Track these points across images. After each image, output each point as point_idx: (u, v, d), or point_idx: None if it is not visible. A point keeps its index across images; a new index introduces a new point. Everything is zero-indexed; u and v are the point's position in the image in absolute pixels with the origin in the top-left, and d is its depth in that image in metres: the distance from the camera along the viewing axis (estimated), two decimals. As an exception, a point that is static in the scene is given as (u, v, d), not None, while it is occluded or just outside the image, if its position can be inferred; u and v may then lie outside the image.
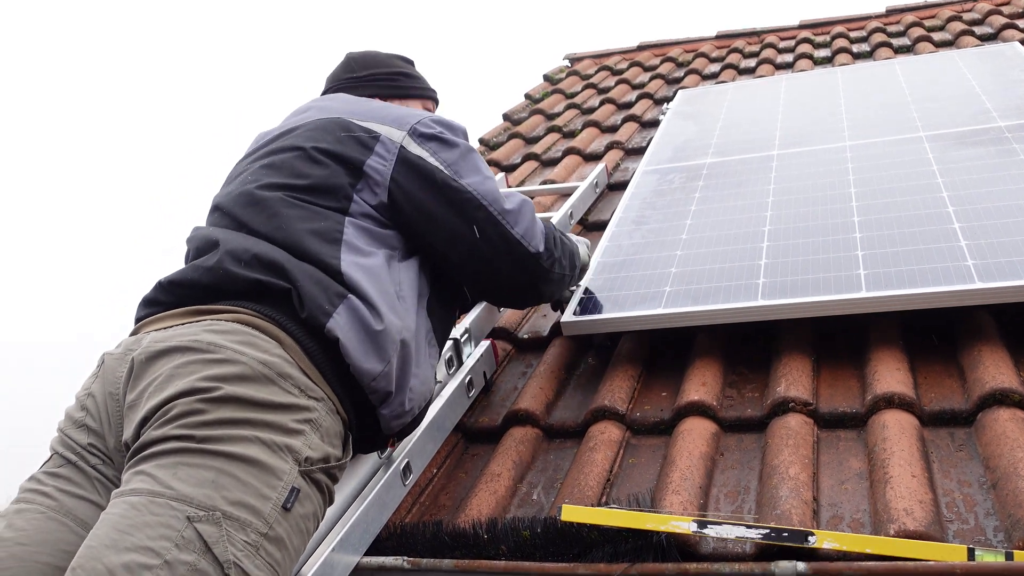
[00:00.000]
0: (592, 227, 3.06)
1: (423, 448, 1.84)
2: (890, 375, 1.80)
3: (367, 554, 1.63)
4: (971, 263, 1.92)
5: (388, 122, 1.70)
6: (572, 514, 1.54)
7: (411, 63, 2.09)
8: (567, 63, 5.80)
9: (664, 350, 2.21)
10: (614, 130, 4.11)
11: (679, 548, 1.48)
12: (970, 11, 4.74)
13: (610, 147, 3.78)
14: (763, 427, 1.82)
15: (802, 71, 4.30)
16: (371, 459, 1.73)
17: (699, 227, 2.50)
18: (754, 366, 2.05)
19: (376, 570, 1.64)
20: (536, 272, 1.84)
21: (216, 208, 1.68)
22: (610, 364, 2.15)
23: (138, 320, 1.55)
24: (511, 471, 1.85)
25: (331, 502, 1.42)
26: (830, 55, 4.64)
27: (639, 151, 3.72)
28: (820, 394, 1.87)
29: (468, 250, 1.73)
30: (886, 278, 1.94)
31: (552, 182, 3.46)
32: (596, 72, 5.35)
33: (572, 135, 4.18)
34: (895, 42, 4.55)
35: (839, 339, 2.06)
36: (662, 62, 5.22)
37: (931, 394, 1.79)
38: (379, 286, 1.53)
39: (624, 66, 5.33)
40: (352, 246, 1.55)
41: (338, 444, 1.42)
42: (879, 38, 4.64)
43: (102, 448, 1.38)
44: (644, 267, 2.33)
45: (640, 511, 1.53)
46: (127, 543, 1.13)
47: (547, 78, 5.44)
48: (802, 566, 1.36)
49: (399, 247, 1.66)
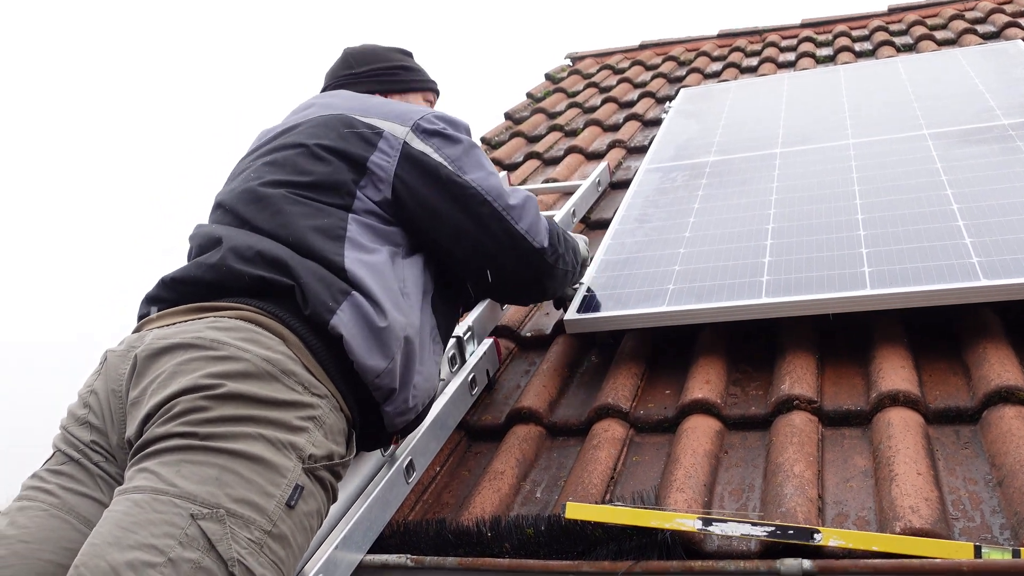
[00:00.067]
0: (594, 225, 3.05)
1: (426, 446, 1.83)
2: (895, 373, 1.79)
3: (370, 552, 1.62)
4: (976, 260, 1.91)
5: (391, 118, 1.69)
6: (576, 512, 1.53)
7: (410, 55, 2.08)
8: (568, 62, 5.79)
9: (667, 348, 2.21)
10: (616, 129, 4.10)
11: (684, 546, 1.47)
12: (972, 9, 4.73)
13: (612, 146, 3.77)
14: (767, 425, 1.82)
15: (804, 70, 4.30)
16: (374, 457, 1.72)
17: (702, 225, 2.49)
18: (757, 364, 2.04)
19: (379, 568, 1.63)
20: (541, 268, 1.83)
21: (219, 206, 1.67)
22: (613, 362, 2.14)
23: (141, 317, 1.54)
24: (514, 469, 1.84)
25: (335, 499, 1.42)
26: (832, 54, 4.63)
27: (641, 150, 3.71)
28: (824, 392, 1.86)
29: (472, 246, 1.72)
30: (891, 275, 1.94)
31: (554, 181, 3.46)
32: (598, 71, 5.34)
33: (574, 134, 4.17)
34: (897, 41, 4.53)
35: (843, 337, 2.05)
36: (664, 61, 5.21)
37: (936, 392, 1.78)
38: (383, 283, 1.52)
39: (626, 65, 5.32)
40: (356, 243, 1.54)
41: (342, 441, 1.42)
42: (881, 37, 4.63)
43: (105, 445, 1.38)
44: (647, 265, 2.32)
45: (645, 508, 1.52)
46: (131, 541, 1.12)
47: (549, 77, 5.43)
48: (808, 564, 1.36)
49: (403, 244, 1.66)
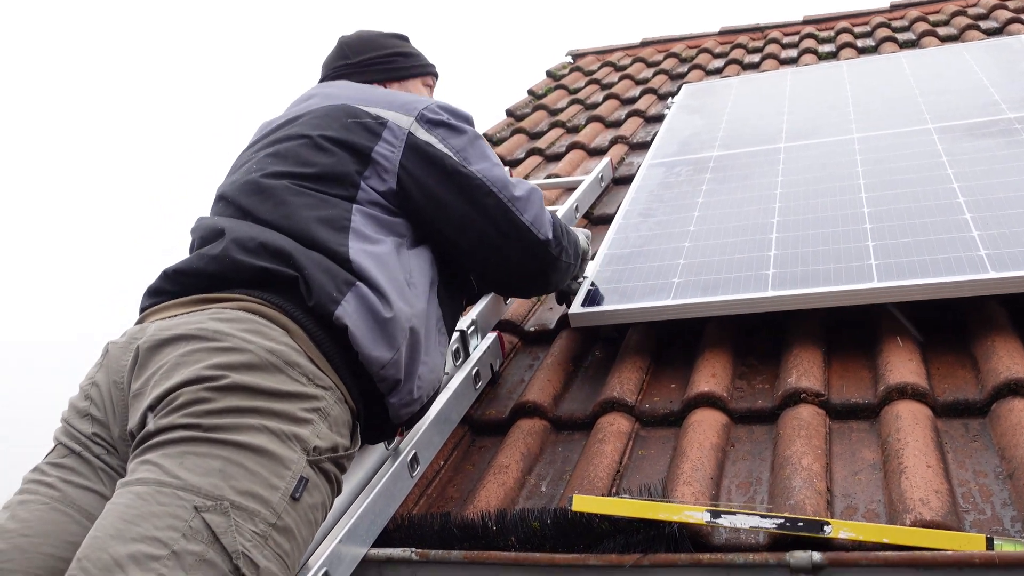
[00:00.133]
0: (598, 220, 3.04)
1: (430, 440, 1.82)
2: (903, 365, 1.78)
3: (375, 545, 1.61)
4: (984, 253, 1.90)
5: (395, 108, 1.68)
6: (583, 504, 1.52)
7: (405, 39, 2.04)
8: (570, 59, 5.78)
9: (672, 342, 2.19)
10: (618, 125, 4.09)
11: (692, 539, 1.46)
12: (975, 5, 4.72)
13: (614, 142, 3.76)
14: (774, 418, 1.80)
15: (807, 65, 4.28)
16: (378, 450, 1.71)
17: (707, 219, 2.48)
18: (763, 357, 2.03)
19: (384, 561, 1.62)
20: (545, 259, 1.82)
21: (221, 197, 1.66)
22: (618, 356, 2.13)
23: (143, 309, 1.52)
24: (519, 463, 1.83)
25: (339, 492, 1.40)
26: (834, 50, 4.61)
27: (643, 145, 3.69)
28: (831, 385, 1.85)
29: (478, 236, 1.70)
30: (898, 268, 1.92)
31: (557, 177, 3.44)
32: (599, 68, 5.33)
33: (576, 130, 4.16)
34: (900, 37, 4.52)
35: (849, 330, 2.04)
36: (665, 58, 5.20)
37: (944, 384, 1.77)
38: (388, 273, 1.51)
39: (627, 62, 5.31)
40: (360, 233, 1.53)
41: (346, 433, 1.40)
42: (883, 33, 4.61)
43: (107, 438, 1.36)
44: (652, 259, 2.31)
45: (652, 501, 1.51)
46: (134, 533, 1.11)
47: (550, 74, 5.42)
48: (818, 556, 1.34)
49: (407, 235, 1.64)
